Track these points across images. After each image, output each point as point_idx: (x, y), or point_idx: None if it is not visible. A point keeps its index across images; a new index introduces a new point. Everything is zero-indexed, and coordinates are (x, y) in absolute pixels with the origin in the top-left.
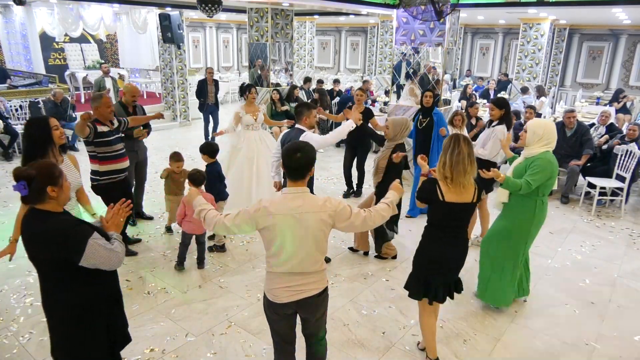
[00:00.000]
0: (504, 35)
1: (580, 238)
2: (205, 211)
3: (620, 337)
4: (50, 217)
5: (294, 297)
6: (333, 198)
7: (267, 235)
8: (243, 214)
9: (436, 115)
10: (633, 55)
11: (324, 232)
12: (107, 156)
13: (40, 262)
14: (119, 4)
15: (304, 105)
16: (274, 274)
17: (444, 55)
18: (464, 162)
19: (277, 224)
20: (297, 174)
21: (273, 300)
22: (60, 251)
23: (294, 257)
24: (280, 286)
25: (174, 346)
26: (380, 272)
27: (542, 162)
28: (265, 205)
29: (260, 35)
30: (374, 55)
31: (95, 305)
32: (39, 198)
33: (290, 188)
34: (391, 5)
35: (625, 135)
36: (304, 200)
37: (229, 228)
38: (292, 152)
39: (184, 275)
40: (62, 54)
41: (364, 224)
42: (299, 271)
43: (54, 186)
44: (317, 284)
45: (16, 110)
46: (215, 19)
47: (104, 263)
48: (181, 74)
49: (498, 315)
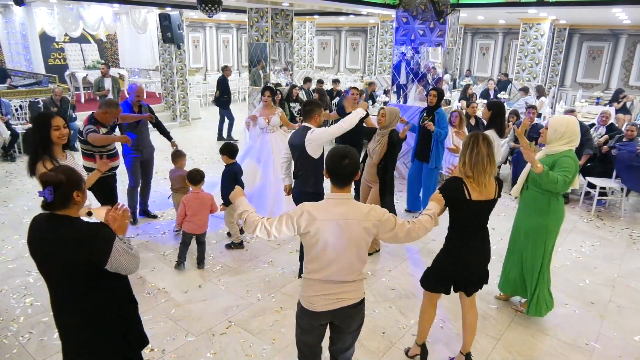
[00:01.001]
0: (504, 35)
1: (580, 238)
2: (248, 213)
3: (620, 337)
4: (73, 222)
5: (330, 306)
6: (378, 207)
7: (308, 240)
8: (285, 218)
9: (438, 114)
10: (633, 55)
11: (366, 241)
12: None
13: (56, 269)
14: (119, 4)
15: (314, 104)
16: (312, 281)
17: (444, 55)
18: (483, 161)
19: (320, 229)
20: (344, 180)
21: (308, 308)
22: (87, 254)
23: (333, 264)
24: (317, 294)
25: (174, 346)
26: (380, 272)
27: (571, 161)
28: (308, 209)
29: (260, 35)
30: (374, 55)
31: (112, 309)
32: (64, 203)
33: (335, 194)
34: (391, 5)
35: (624, 135)
36: (348, 207)
37: (269, 231)
38: (339, 158)
39: (184, 275)
40: (62, 54)
41: (407, 236)
42: (337, 279)
43: (79, 191)
44: (354, 293)
45: (16, 110)
46: (215, 19)
47: (125, 267)
48: (181, 74)
49: (498, 315)
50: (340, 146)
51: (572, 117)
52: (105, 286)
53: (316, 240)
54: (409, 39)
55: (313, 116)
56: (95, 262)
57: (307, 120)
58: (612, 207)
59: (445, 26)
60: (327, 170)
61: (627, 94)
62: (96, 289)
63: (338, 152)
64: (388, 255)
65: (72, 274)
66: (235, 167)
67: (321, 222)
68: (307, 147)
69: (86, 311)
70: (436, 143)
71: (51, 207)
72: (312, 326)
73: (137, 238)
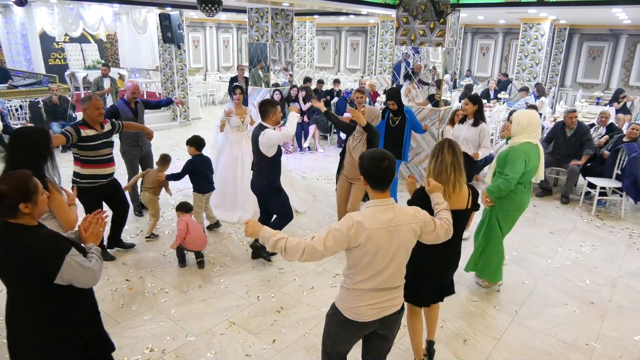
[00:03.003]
0: (504, 35)
1: (580, 238)
2: (284, 240)
3: (620, 337)
4: (26, 231)
5: (378, 314)
6: (420, 209)
7: (358, 252)
8: (334, 232)
9: (407, 112)
10: (633, 55)
11: (413, 244)
12: (89, 160)
13: (11, 278)
14: (119, 4)
15: (268, 103)
16: (359, 291)
17: (444, 55)
18: (447, 170)
19: (372, 238)
20: (385, 183)
21: (355, 319)
22: (37, 267)
23: (384, 272)
24: (365, 304)
25: (174, 346)
26: None
27: (516, 153)
28: (358, 220)
29: (260, 35)
30: (374, 55)
31: (69, 322)
32: (10, 214)
33: (378, 200)
34: (391, 5)
35: (625, 135)
36: (394, 212)
37: (321, 253)
38: (378, 161)
39: (184, 275)
40: (62, 54)
41: (446, 235)
42: (385, 287)
43: (27, 202)
44: (399, 299)
45: (16, 110)
46: (215, 19)
47: (79, 281)
48: (181, 74)
49: (498, 315)
50: (376, 149)
51: (533, 111)
52: (63, 297)
53: (367, 251)
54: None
55: (268, 115)
56: (45, 276)
57: (263, 119)
58: (612, 207)
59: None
60: (367, 174)
61: (627, 94)
62: (51, 301)
63: (376, 154)
64: None
65: (25, 284)
66: (196, 159)
67: (371, 231)
68: (260, 147)
69: (39, 321)
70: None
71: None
72: (354, 336)
73: (138, 238)
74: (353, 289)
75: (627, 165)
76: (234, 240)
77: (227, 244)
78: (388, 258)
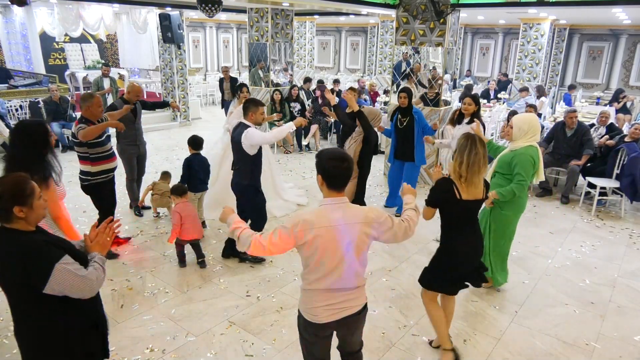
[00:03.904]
0: (504, 35)
1: (580, 238)
2: (240, 230)
3: (621, 337)
4: (20, 236)
5: (334, 316)
6: (375, 208)
7: (306, 251)
8: (281, 230)
9: (416, 114)
10: (633, 55)
11: (366, 244)
12: (99, 157)
13: (6, 286)
14: (119, 4)
15: (250, 101)
16: (313, 292)
17: (444, 55)
18: (480, 162)
19: (319, 236)
20: (341, 183)
21: (312, 321)
22: (22, 275)
23: (335, 272)
24: (320, 305)
25: (174, 346)
26: (379, 272)
27: (524, 157)
28: (305, 218)
29: (260, 35)
30: (374, 55)
31: (69, 335)
32: (4, 218)
33: (331, 199)
34: (391, 5)
35: (627, 135)
36: (345, 211)
37: (266, 248)
38: (338, 162)
39: (184, 275)
40: (62, 54)
41: (405, 234)
42: (340, 287)
43: (22, 206)
44: (358, 300)
45: (16, 110)
46: (215, 19)
47: (72, 291)
48: (181, 74)
49: (498, 315)
50: (335, 149)
51: (533, 114)
52: (61, 308)
53: (315, 249)
54: (409, 39)
55: (248, 114)
56: (30, 285)
57: (244, 117)
58: (612, 207)
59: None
60: (324, 174)
61: (627, 94)
62: (49, 311)
63: (336, 155)
64: (388, 256)
65: (14, 293)
66: (192, 157)
67: (319, 229)
68: (242, 144)
69: (37, 333)
70: (418, 143)
71: None
72: (318, 337)
73: (138, 238)
74: (309, 290)
75: (626, 165)
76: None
77: None
78: (338, 258)
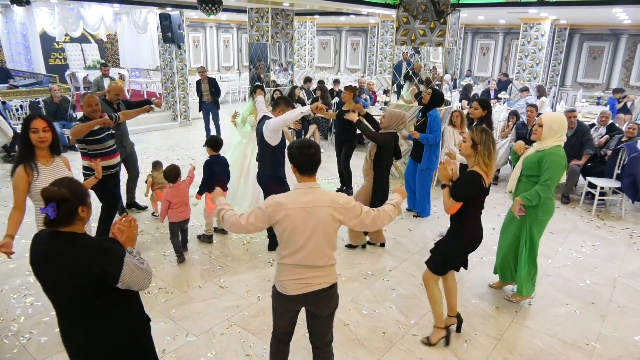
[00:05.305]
0: (504, 35)
1: (581, 238)
2: (224, 211)
3: (621, 337)
4: (79, 238)
5: (302, 290)
6: (344, 195)
7: (279, 228)
8: (256, 212)
9: (430, 116)
10: (633, 55)
11: (334, 227)
12: (97, 153)
13: (65, 289)
14: (119, 4)
15: (283, 99)
16: (284, 266)
17: (444, 55)
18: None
19: (289, 216)
20: (310, 169)
21: (282, 292)
22: (99, 273)
23: (303, 250)
24: (289, 278)
25: (175, 346)
26: (380, 272)
27: (554, 157)
28: (277, 200)
29: (260, 35)
30: (374, 55)
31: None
32: (68, 220)
33: (303, 183)
34: (391, 5)
35: (624, 134)
36: (314, 195)
37: (244, 227)
38: (305, 149)
39: (184, 275)
40: (62, 54)
41: (373, 223)
42: (308, 264)
43: (84, 206)
44: (325, 278)
45: (17, 110)
46: (215, 19)
47: (137, 283)
48: (181, 74)
49: (498, 315)
50: (303, 139)
51: (562, 114)
52: (119, 305)
53: (285, 227)
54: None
55: (277, 109)
56: (106, 281)
57: (273, 111)
58: (612, 207)
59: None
60: (294, 161)
61: (627, 93)
62: (110, 309)
63: (303, 143)
64: (388, 255)
65: (83, 294)
66: (213, 159)
67: (289, 210)
68: (264, 134)
69: (102, 333)
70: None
71: (54, 224)
72: (286, 309)
73: (138, 237)
74: (281, 263)
75: (627, 165)
76: (234, 240)
77: (227, 243)
78: (305, 237)
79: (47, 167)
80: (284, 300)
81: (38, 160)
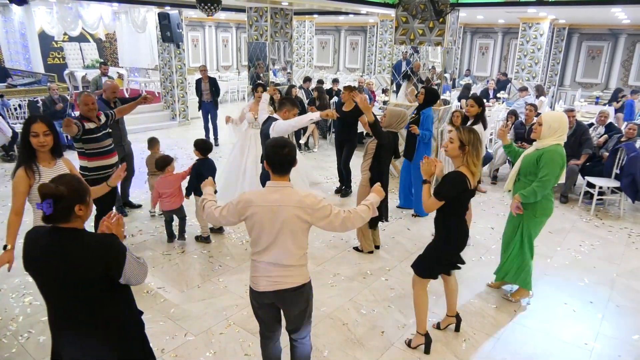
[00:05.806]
0: (503, 35)
1: (580, 237)
2: (206, 201)
3: (619, 337)
4: (80, 235)
5: (270, 287)
6: (315, 195)
7: (248, 225)
8: (229, 206)
9: (423, 114)
10: (632, 54)
11: (301, 228)
12: (94, 152)
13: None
14: (118, 3)
15: (288, 100)
16: (256, 263)
17: (443, 54)
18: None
19: (256, 213)
20: (282, 169)
21: (253, 288)
22: (104, 269)
23: (271, 248)
24: (259, 275)
25: (174, 345)
26: (379, 271)
27: (552, 154)
28: (246, 197)
29: (259, 35)
30: (373, 55)
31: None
32: (65, 218)
33: (273, 182)
34: (390, 4)
35: (624, 135)
36: (282, 195)
37: (217, 219)
38: (279, 148)
39: (183, 275)
40: (61, 53)
41: (342, 225)
42: (276, 262)
43: (82, 204)
44: (294, 278)
45: (15, 109)
46: (214, 18)
47: (136, 278)
48: (180, 73)
49: (498, 314)
50: (279, 138)
51: (563, 113)
52: (120, 299)
53: (253, 224)
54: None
55: (283, 110)
56: (109, 276)
57: (277, 111)
58: (611, 207)
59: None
60: (268, 160)
61: (626, 93)
62: (113, 303)
63: (278, 142)
64: (387, 255)
65: (84, 290)
66: (201, 162)
67: (256, 207)
68: (271, 134)
69: (107, 327)
70: (421, 143)
71: (51, 221)
72: (260, 304)
73: (137, 237)
74: (253, 260)
75: (625, 165)
76: (233, 240)
77: (226, 243)
78: (272, 236)
79: (49, 170)
80: (255, 295)
81: (39, 162)
